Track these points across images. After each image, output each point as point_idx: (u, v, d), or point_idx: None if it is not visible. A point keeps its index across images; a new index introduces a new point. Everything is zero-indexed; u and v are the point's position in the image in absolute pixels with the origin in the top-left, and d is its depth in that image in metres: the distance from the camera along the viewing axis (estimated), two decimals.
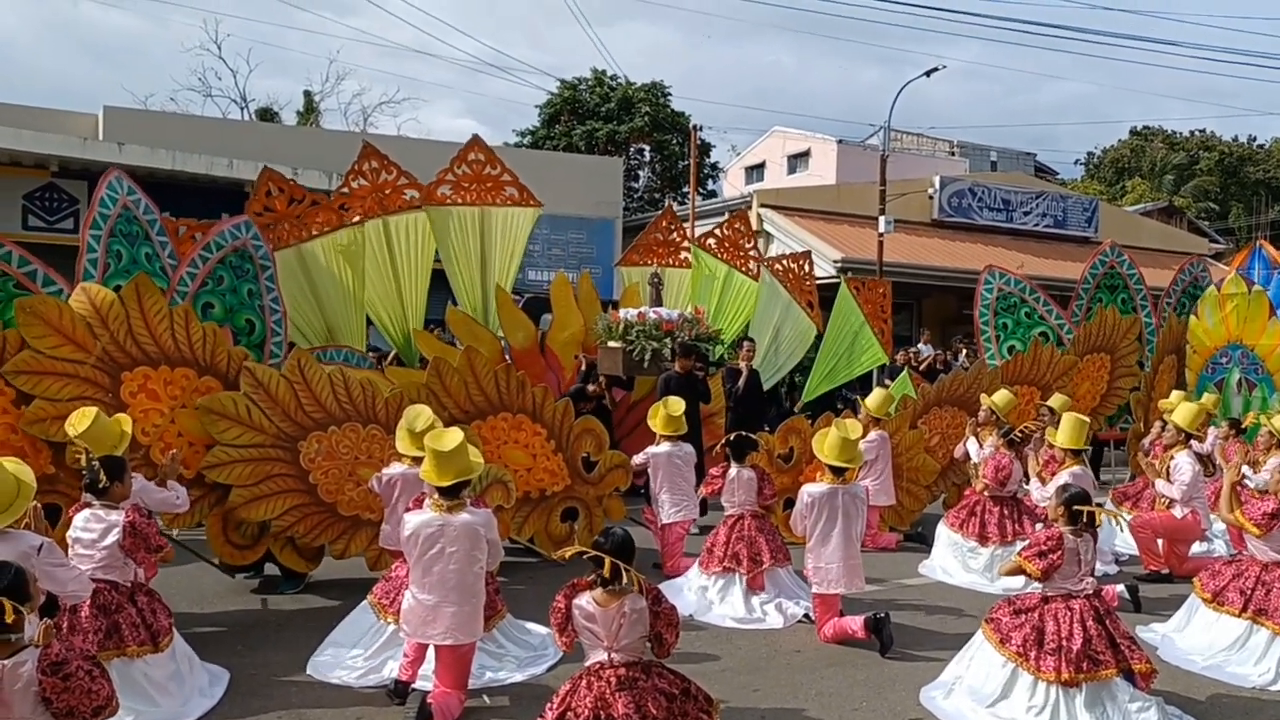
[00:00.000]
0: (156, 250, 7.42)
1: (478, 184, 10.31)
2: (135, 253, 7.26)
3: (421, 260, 10.21)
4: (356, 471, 7.07)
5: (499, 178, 10.42)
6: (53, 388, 6.05)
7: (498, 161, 10.49)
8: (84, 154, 15.56)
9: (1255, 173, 47.81)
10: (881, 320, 11.91)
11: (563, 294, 10.67)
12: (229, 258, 7.82)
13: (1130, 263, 12.34)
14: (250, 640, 6.32)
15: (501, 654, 5.87)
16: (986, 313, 11.54)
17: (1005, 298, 11.61)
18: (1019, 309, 11.62)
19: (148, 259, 7.34)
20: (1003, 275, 11.78)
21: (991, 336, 11.48)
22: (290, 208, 9.38)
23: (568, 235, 21.63)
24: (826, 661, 6.16)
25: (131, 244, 7.25)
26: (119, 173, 7.46)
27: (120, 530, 5.02)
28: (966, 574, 8.26)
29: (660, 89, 36.10)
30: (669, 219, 12.91)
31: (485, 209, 10.34)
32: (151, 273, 7.20)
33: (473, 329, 9.82)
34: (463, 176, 10.28)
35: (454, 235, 10.26)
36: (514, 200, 10.47)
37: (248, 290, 7.91)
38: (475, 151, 10.42)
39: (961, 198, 25.10)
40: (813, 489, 6.48)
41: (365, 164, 9.95)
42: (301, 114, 33.95)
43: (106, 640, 4.94)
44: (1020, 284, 11.72)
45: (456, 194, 10.24)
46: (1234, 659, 6.13)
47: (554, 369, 10.49)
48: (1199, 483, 8.35)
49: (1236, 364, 12.59)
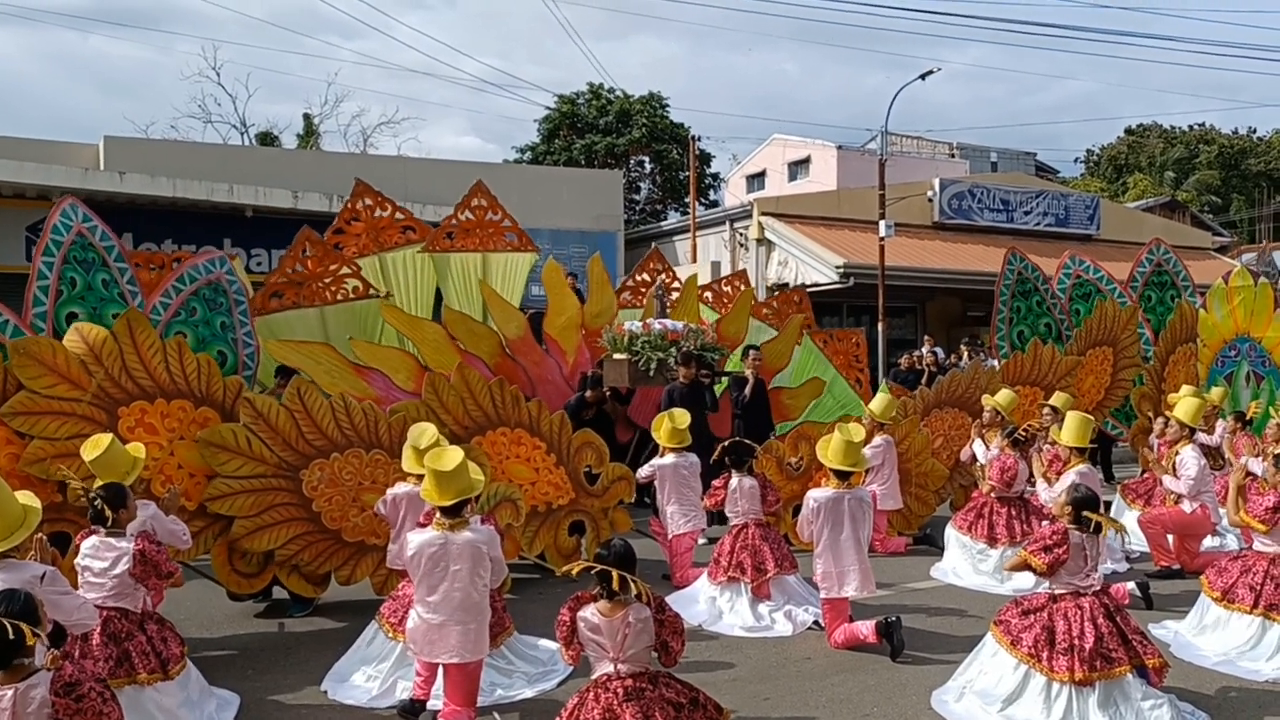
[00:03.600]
0: (115, 277, 7.41)
1: (480, 229, 10.40)
2: (91, 279, 7.25)
3: (422, 295, 10.21)
4: (360, 497, 7.06)
5: (500, 223, 10.52)
6: (50, 427, 6.07)
7: (499, 207, 10.60)
8: (85, 184, 15.64)
9: (1256, 165, 47.72)
10: (857, 370, 11.81)
11: (555, 279, 10.66)
12: (203, 290, 7.86)
13: (1176, 259, 12.58)
14: (260, 663, 6.32)
15: (510, 670, 5.87)
16: (1005, 293, 11.74)
17: (1023, 281, 11.82)
18: (1032, 295, 11.83)
19: (104, 285, 7.33)
20: (1023, 260, 11.88)
21: (1006, 318, 11.65)
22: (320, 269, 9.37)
23: (570, 249, 21.66)
24: (837, 668, 6.14)
25: (87, 270, 7.23)
26: (73, 200, 7.47)
27: (130, 558, 5.03)
28: (977, 576, 8.23)
29: (658, 100, 36.21)
30: (655, 260, 12.66)
31: (486, 255, 10.43)
32: (108, 299, 7.23)
33: (471, 327, 9.83)
34: (466, 223, 10.37)
35: (457, 281, 10.36)
36: (513, 246, 10.58)
37: (220, 323, 7.93)
38: (479, 197, 10.52)
39: (962, 199, 25.10)
40: (818, 494, 6.47)
41: (359, 202, 9.92)
42: (301, 137, 34.10)
43: (117, 668, 4.96)
44: (1036, 271, 11.82)
45: (460, 240, 10.34)
46: (1248, 654, 6.10)
47: (555, 355, 10.47)
48: (1206, 476, 8.33)
49: (1245, 357, 12.57)
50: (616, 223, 23.03)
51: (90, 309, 7.21)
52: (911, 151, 35.12)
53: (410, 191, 14.80)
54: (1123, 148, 50.89)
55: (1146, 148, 48.90)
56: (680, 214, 32.84)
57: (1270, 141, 50.00)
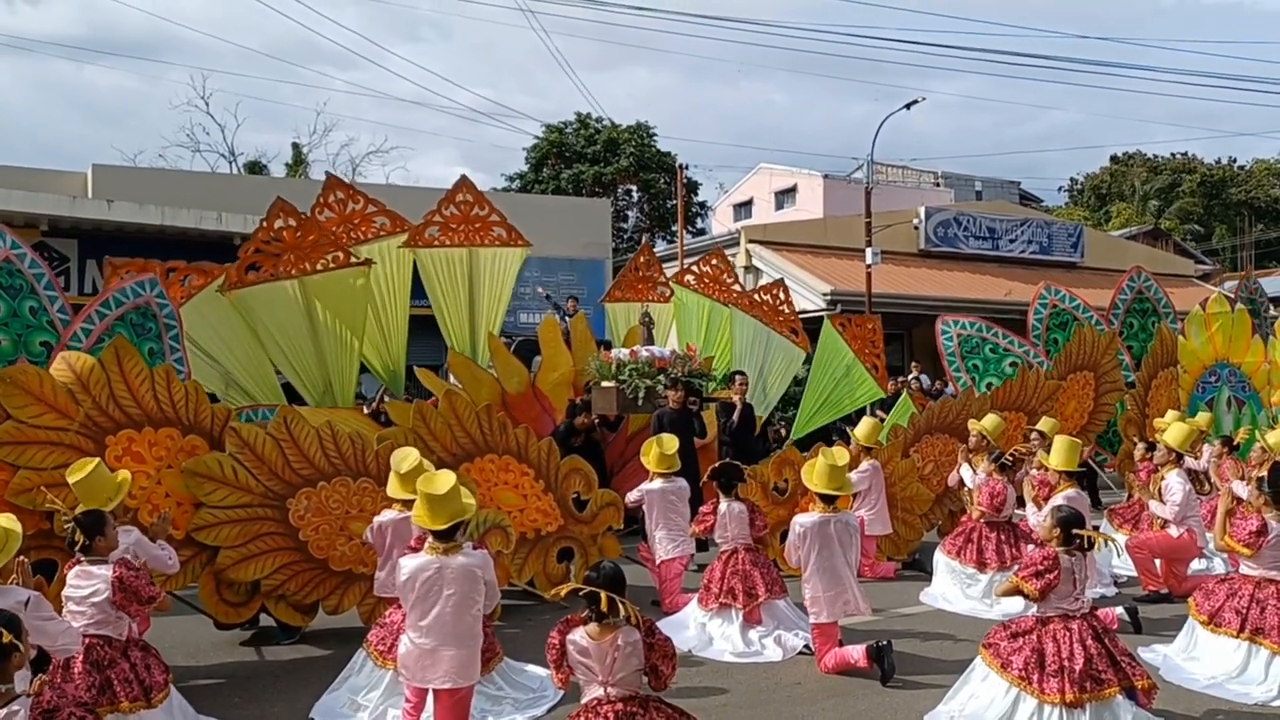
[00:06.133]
0: (44, 304, 7.24)
1: (465, 225, 10.26)
2: (17, 306, 7.11)
3: (399, 286, 10.09)
4: (348, 526, 7.02)
5: (487, 218, 10.38)
6: (37, 457, 5.99)
7: (486, 202, 10.48)
8: (73, 212, 15.69)
9: (1238, 194, 48.28)
10: (874, 355, 11.90)
11: (551, 335, 10.69)
12: (129, 315, 7.61)
13: (1156, 285, 12.71)
14: (248, 691, 6.27)
15: (500, 696, 5.84)
16: (954, 359, 11.70)
17: (966, 341, 11.78)
18: (982, 348, 11.76)
19: (32, 313, 7.18)
20: (957, 322, 11.93)
21: (967, 381, 11.61)
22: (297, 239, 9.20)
23: (558, 277, 21.73)
24: (827, 693, 6.12)
25: (14, 297, 7.09)
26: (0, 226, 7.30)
27: (108, 586, 4.99)
28: (966, 600, 8.23)
29: (645, 130, 36.47)
30: (646, 254, 12.99)
31: (473, 250, 10.30)
32: (37, 326, 7.12)
33: (473, 372, 9.85)
34: (450, 218, 10.25)
35: (442, 277, 10.24)
36: (502, 240, 10.43)
37: (149, 349, 7.66)
38: (463, 192, 10.40)
39: (947, 227, 25.33)
40: (804, 519, 6.48)
41: (330, 195, 9.85)
42: (290, 166, 34.18)
43: (100, 696, 4.90)
44: (974, 325, 11.89)
45: (444, 235, 10.19)
46: (1236, 678, 6.10)
47: (546, 411, 10.49)
48: (1191, 501, 8.37)
49: (1225, 382, 12.67)
50: (605, 250, 23.13)
51: (15, 335, 7.05)
52: (897, 180, 35.40)
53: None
54: (1105, 177, 51.45)
55: (1129, 176, 49.43)
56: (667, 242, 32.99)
57: (1251, 170, 50.64)
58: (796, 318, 12.35)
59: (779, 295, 12.24)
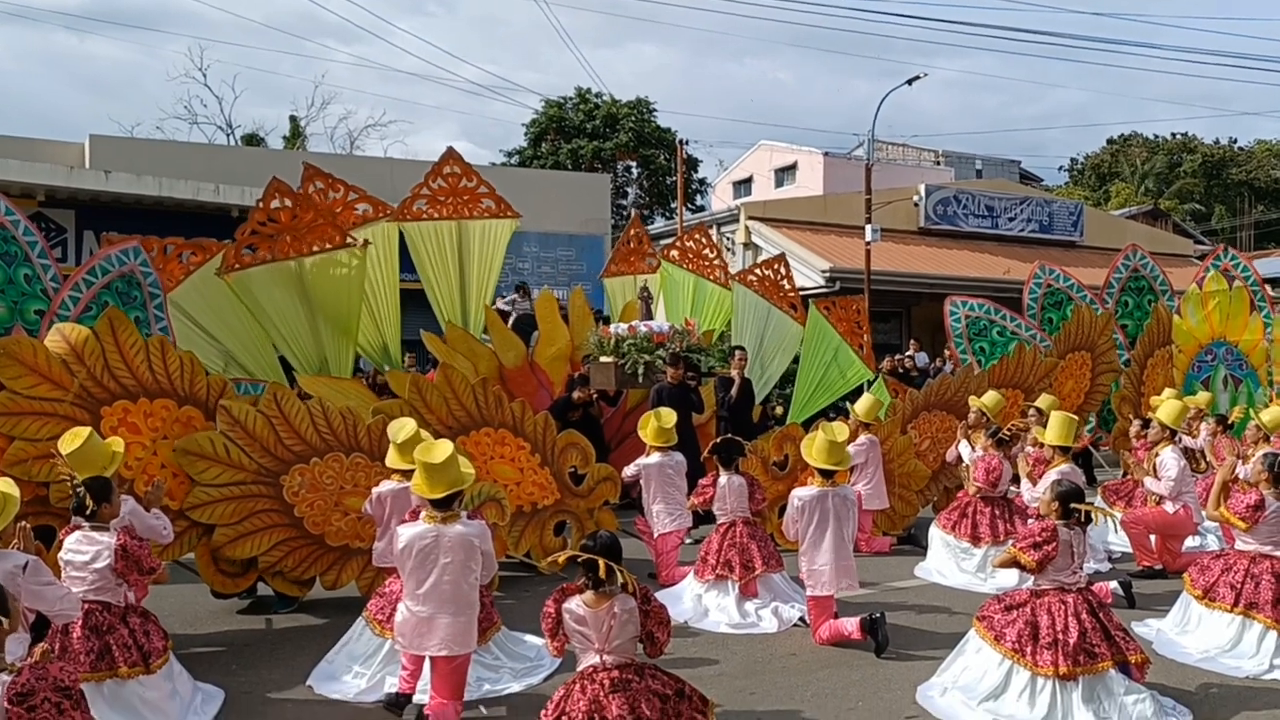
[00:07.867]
0: (38, 273, 7.27)
1: (454, 197, 10.17)
2: (13, 273, 7.14)
3: (388, 270, 10.02)
4: (343, 501, 7.02)
5: (475, 189, 10.29)
6: (32, 428, 5.97)
7: (474, 174, 10.39)
8: (70, 183, 15.61)
9: (1238, 174, 48.17)
10: (859, 336, 11.89)
11: (548, 310, 10.68)
12: (115, 283, 7.62)
13: (1153, 264, 12.68)
14: (245, 659, 6.30)
15: (497, 665, 5.87)
16: (961, 341, 11.74)
17: (974, 323, 11.81)
18: (989, 330, 11.79)
19: (26, 280, 7.21)
20: (965, 303, 11.93)
21: (973, 364, 11.62)
22: (294, 220, 9.15)
23: (557, 253, 21.70)
24: (822, 663, 6.16)
25: (9, 264, 7.12)
26: None
27: (111, 553, 5.01)
28: (960, 575, 8.28)
29: (645, 105, 36.27)
30: (636, 227, 13.00)
31: (462, 222, 10.22)
32: (31, 294, 7.13)
33: (472, 346, 9.83)
34: (438, 190, 10.15)
35: (431, 250, 10.16)
36: (491, 212, 10.34)
37: (134, 318, 7.64)
38: (451, 164, 10.30)
39: (947, 205, 25.28)
40: (802, 493, 6.50)
41: (310, 186, 9.63)
42: (288, 139, 34.00)
43: (99, 661, 4.94)
44: (983, 306, 11.89)
45: (432, 208, 10.11)
46: (1229, 652, 6.15)
47: (544, 385, 10.49)
48: (1186, 477, 8.40)
49: (1221, 361, 12.69)
50: (604, 226, 23.07)
51: (10, 303, 7.07)
52: (897, 158, 35.30)
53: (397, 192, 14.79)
54: (1106, 156, 51.28)
55: (1129, 156, 49.28)
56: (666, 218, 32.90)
57: (1252, 151, 50.48)
58: (797, 293, 12.34)
59: (780, 270, 12.21)
